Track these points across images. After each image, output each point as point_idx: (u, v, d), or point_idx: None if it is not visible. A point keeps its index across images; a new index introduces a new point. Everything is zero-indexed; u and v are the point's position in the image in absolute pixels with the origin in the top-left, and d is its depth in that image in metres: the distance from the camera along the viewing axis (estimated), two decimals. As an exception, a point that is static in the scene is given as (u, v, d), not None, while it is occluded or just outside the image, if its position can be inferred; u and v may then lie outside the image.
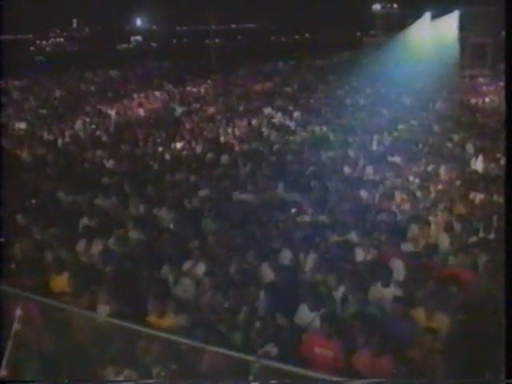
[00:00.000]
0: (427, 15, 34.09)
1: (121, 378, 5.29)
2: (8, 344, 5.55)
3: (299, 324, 6.01)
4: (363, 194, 9.98)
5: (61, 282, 7.08)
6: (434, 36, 32.77)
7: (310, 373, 4.20)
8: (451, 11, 33.37)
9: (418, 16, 34.57)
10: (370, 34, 54.95)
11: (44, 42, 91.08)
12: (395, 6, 41.11)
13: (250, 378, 4.23)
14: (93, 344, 5.73)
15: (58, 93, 30.06)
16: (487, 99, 24.36)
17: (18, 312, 5.65)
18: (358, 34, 67.16)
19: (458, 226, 8.29)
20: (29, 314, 5.66)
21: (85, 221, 8.84)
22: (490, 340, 4.94)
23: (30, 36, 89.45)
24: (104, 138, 17.34)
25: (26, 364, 5.67)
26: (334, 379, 4.47)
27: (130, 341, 5.48)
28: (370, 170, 11.96)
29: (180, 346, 5.16)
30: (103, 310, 6.25)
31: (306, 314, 6.05)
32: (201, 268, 7.10)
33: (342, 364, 5.43)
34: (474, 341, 5.43)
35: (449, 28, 33.13)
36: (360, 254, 7.19)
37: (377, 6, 43.54)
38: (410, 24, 35.00)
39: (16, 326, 5.63)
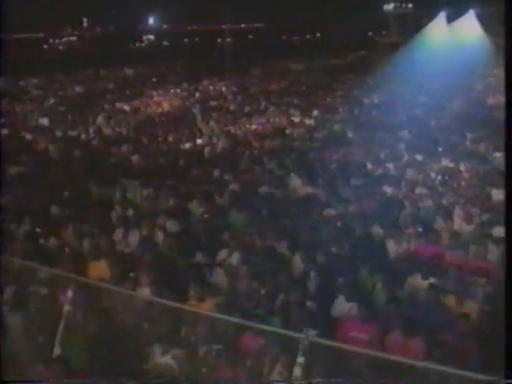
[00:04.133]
0: (442, 15, 34.17)
1: (168, 356, 5.58)
2: (60, 324, 5.90)
3: (336, 315, 6.25)
4: (387, 189, 10.22)
5: (98, 268, 7.38)
6: (450, 36, 32.86)
7: (357, 349, 4.48)
8: (467, 11, 33.44)
9: (433, 16, 34.65)
10: (382, 33, 54.97)
11: (56, 41, 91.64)
12: (410, 5, 41.15)
13: (299, 354, 4.52)
14: (139, 324, 6.01)
15: (75, 90, 30.48)
16: (502, 98, 24.37)
17: (69, 293, 5.98)
18: (370, 33, 67.14)
19: (478, 220, 8.57)
20: (78, 296, 5.97)
21: (119, 212, 9.13)
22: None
23: (42, 35, 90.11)
24: (126, 133, 17.67)
25: (75, 342, 5.99)
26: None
27: (174, 321, 5.76)
28: (391, 166, 12.21)
29: (224, 326, 5.46)
30: (144, 293, 6.54)
31: (342, 305, 6.29)
32: (235, 257, 7.37)
33: (375, 347, 5.69)
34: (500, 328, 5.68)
35: (464, 28, 33.20)
36: (391, 247, 7.44)
37: (389, 6, 43.54)
38: (425, 24, 35.09)
39: (67, 307, 5.97)
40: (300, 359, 4.52)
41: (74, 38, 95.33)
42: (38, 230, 8.91)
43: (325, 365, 4.89)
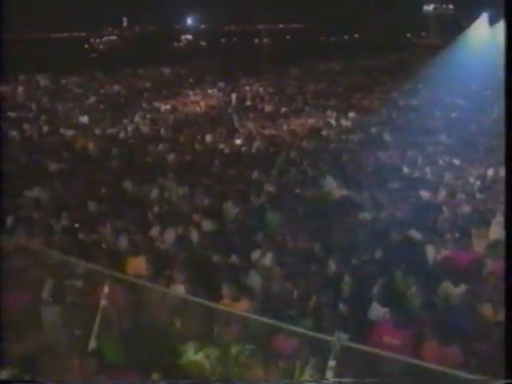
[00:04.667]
0: (484, 17, 33.42)
1: (201, 354, 5.64)
2: (97, 318, 6.03)
3: (370, 319, 6.20)
4: (424, 193, 10.08)
5: (136, 264, 7.50)
6: (491, 38, 32.12)
7: (390, 355, 4.44)
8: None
9: (474, 17, 33.92)
10: (421, 35, 54.12)
11: (97, 40, 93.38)
12: (450, 6, 40.40)
13: (331, 357, 4.51)
14: (173, 321, 6.09)
15: (114, 89, 31.01)
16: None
17: (106, 289, 6.10)
18: (409, 35, 66.19)
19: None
20: (114, 291, 6.08)
21: (155, 209, 9.26)
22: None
23: (83, 34, 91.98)
24: (163, 132, 17.89)
25: (110, 337, 6.11)
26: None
27: (208, 320, 5.81)
28: (428, 170, 12.04)
29: (257, 327, 5.48)
30: (178, 290, 6.61)
31: (376, 310, 6.24)
32: (269, 258, 7.38)
33: (409, 353, 5.62)
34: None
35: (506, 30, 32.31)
36: (429, 252, 7.34)
37: (429, 7, 42.80)
38: (466, 26, 34.37)
39: (103, 302, 6.09)
40: (331, 362, 4.52)
41: (114, 38, 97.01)
42: (75, 225, 9.12)
43: (356, 369, 4.86)
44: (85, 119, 20.87)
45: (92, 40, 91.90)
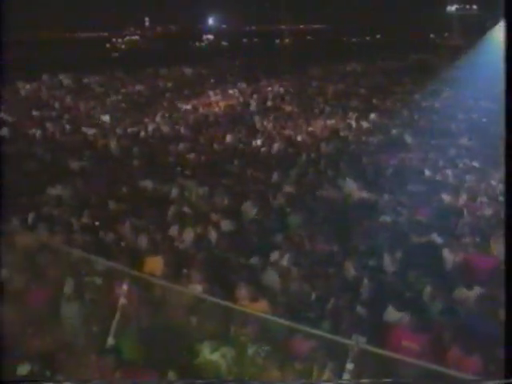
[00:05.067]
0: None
1: (217, 354, 5.64)
2: (116, 316, 6.08)
3: (388, 322, 6.15)
4: (445, 196, 9.97)
5: (154, 263, 7.54)
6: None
7: (407, 359, 4.39)
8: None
9: (498, 18, 33.42)
10: (444, 36, 53.48)
11: (119, 40, 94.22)
12: (474, 7, 39.88)
13: (349, 360, 4.48)
14: (190, 320, 6.11)
15: (136, 88, 31.23)
16: None
17: (124, 287, 6.15)
18: (432, 35, 65.54)
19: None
20: (133, 289, 6.12)
21: (175, 209, 9.30)
22: None
23: (106, 34, 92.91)
24: (184, 132, 17.98)
25: (128, 335, 6.15)
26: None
27: (225, 320, 5.81)
28: (449, 173, 11.91)
29: (274, 328, 5.46)
30: (196, 290, 6.63)
31: (394, 313, 6.17)
32: (287, 259, 7.37)
33: (427, 358, 5.56)
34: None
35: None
36: (447, 256, 7.26)
37: (452, 8, 42.25)
38: (490, 27, 33.88)
39: (122, 300, 6.14)
40: (349, 365, 4.49)
41: (136, 37, 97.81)
42: (96, 223, 9.21)
43: (374, 373, 4.83)
44: (106, 118, 21.07)
45: (114, 40, 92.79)
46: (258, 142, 16.02)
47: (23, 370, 5.46)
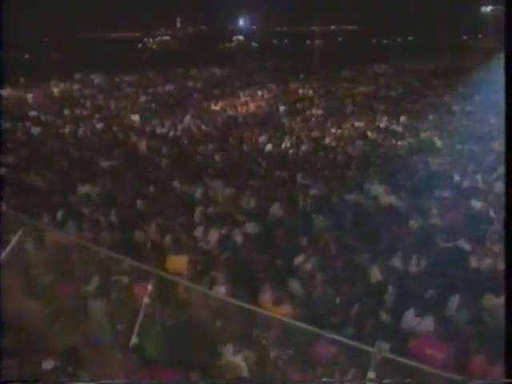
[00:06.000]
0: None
1: (239, 356, 5.65)
2: (139, 315, 6.13)
3: (412, 330, 6.07)
4: (475, 202, 9.78)
5: (179, 263, 7.58)
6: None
7: (430, 370, 4.32)
8: None
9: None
10: (478, 37, 52.53)
11: (151, 40, 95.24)
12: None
13: (371, 369, 4.43)
14: (213, 321, 6.13)
15: (166, 88, 31.52)
16: None
17: (149, 287, 6.19)
18: (465, 37, 64.48)
19: None
20: (157, 289, 6.17)
21: (201, 209, 9.34)
22: None
23: (138, 34, 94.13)
24: (212, 132, 18.06)
25: (152, 334, 6.20)
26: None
27: (247, 322, 5.81)
28: (479, 178, 11.68)
29: (296, 332, 5.44)
30: (220, 291, 6.65)
31: (418, 321, 6.09)
32: (313, 263, 7.32)
33: (453, 368, 5.47)
34: None
35: None
36: (474, 262, 7.13)
37: (486, 9, 41.46)
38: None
39: (146, 300, 6.19)
40: (371, 374, 4.44)
41: (167, 38, 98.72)
42: (123, 222, 9.31)
43: (396, 381, 4.76)
44: (136, 118, 21.30)
45: (146, 40, 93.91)
46: (286, 143, 15.98)
47: (47, 365, 5.55)
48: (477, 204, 9.80)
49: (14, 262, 7.70)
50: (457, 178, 11.71)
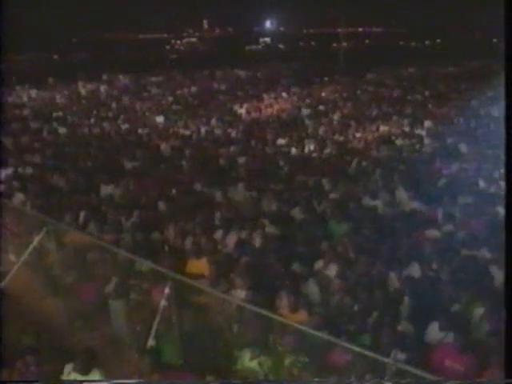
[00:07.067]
0: None
1: (255, 361, 5.64)
2: (156, 318, 6.17)
3: (431, 341, 5.97)
4: (500, 209, 9.57)
5: (199, 266, 7.59)
6: None
7: (449, 381, 4.25)
8: None
9: None
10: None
11: (178, 41, 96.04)
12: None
13: (386, 379, 4.38)
14: (230, 326, 6.12)
15: (191, 90, 31.70)
16: None
17: (167, 290, 6.22)
18: (494, 40, 63.36)
19: None
20: (175, 292, 6.19)
21: (222, 212, 9.33)
22: None
23: (165, 35, 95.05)
24: (235, 135, 18.07)
25: (168, 337, 6.23)
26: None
27: (264, 328, 5.78)
28: (504, 185, 11.43)
29: (312, 340, 5.39)
30: (238, 295, 6.64)
31: (435, 333, 5.99)
32: (332, 269, 7.26)
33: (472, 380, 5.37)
34: None
35: None
36: (495, 272, 6.98)
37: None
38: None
39: (163, 303, 6.22)
40: (386, 384, 4.39)
41: (194, 39, 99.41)
42: (144, 224, 9.36)
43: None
44: (161, 119, 21.45)
45: (173, 41, 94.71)
46: (309, 146, 15.90)
47: (69, 367, 5.63)
48: (502, 211, 9.60)
49: (36, 261, 7.84)
50: (482, 184, 11.50)
